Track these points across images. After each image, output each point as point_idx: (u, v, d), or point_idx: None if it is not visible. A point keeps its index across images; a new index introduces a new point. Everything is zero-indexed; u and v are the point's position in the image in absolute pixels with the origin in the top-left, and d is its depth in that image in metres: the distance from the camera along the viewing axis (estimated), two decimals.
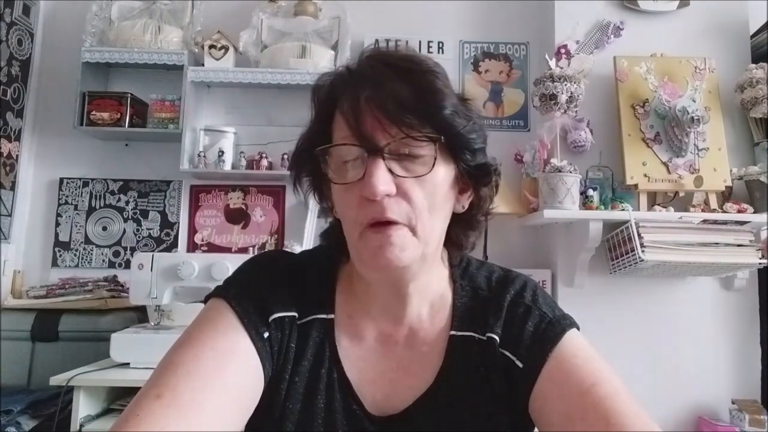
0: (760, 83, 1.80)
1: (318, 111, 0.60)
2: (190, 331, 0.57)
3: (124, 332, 1.63)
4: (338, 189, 0.58)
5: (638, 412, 0.51)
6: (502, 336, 0.61)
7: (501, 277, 0.67)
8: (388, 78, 0.55)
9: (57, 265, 2.16)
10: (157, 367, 0.53)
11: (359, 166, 0.55)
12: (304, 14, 2.17)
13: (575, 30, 1.99)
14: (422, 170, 0.55)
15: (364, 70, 0.57)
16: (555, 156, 1.83)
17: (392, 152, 0.54)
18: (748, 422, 1.69)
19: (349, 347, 0.62)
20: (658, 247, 1.63)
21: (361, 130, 0.54)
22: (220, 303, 0.60)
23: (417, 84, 0.55)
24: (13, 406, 1.55)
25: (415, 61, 0.57)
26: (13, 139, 2.11)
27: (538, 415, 0.56)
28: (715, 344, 1.86)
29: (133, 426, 0.46)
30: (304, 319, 0.62)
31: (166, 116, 2.12)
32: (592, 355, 0.58)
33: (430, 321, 0.63)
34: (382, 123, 0.54)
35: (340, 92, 0.57)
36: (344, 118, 0.55)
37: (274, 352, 0.59)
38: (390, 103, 0.53)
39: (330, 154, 0.57)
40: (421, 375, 0.61)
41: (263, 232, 2.22)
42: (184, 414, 0.48)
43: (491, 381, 0.60)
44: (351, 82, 0.57)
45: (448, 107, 0.55)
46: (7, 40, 2.06)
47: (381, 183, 0.52)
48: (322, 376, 0.60)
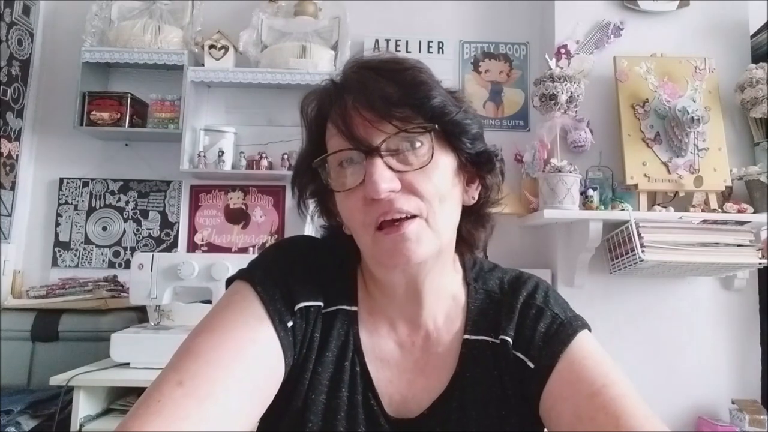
0: (760, 83, 1.80)
1: (309, 129, 0.61)
2: (214, 315, 0.57)
3: (124, 332, 1.63)
4: (342, 197, 0.57)
5: (648, 414, 0.51)
6: (515, 338, 0.61)
7: (513, 280, 0.67)
8: (372, 79, 0.55)
9: (57, 265, 2.16)
10: (179, 350, 0.53)
11: (359, 170, 0.55)
12: (304, 14, 2.17)
13: (575, 30, 1.99)
14: (423, 161, 0.55)
15: (348, 78, 0.57)
16: (555, 156, 1.83)
17: (389, 149, 0.54)
18: (748, 422, 1.69)
19: (369, 343, 0.62)
20: (658, 247, 1.63)
21: (353, 133, 0.54)
22: (244, 287, 0.59)
23: (401, 80, 0.55)
24: (13, 406, 1.55)
25: (396, 61, 0.57)
26: (13, 139, 2.11)
27: (548, 415, 0.56)
28: (715, 344, 1.86)
29: (155, 411, 0.46)
30: (328, 309, 0.62)
31: (166, 116, 2.12)
32: (603, 357, 0.58)
33: (445, 325, 0.63)
34: (373, 122, 0.53)
35: (328, 104, 0.58)
36: (335, 125, 0.55)
37: (297, 341, 0.59)
38: (377, 101, 0.53)
39: (328, 165, 0.57)
40: (436, 378, 0.61)
41: (263, 232, 2.22)
42: (203, 403, 0.48)
43: (504, 383, 0.60)
44: (336, 92, 0.57)
45: (437, 96, 0.55)
46: (7, 40, 2.06)
47: (382, 180, 0.52)
48: (346, 368, 0.60)
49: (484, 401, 0.60)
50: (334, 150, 0.56)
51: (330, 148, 0.57)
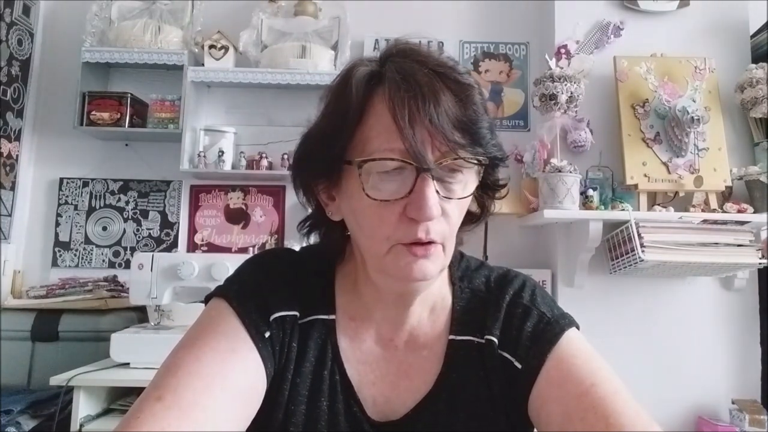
0: (760, 83, 1.80)
1: (345, 109, 0.53)
2: (191, 332, 0.57)
3: (124, 332, 1.63)
4: (372, 205, 0.53)
5: (638, 412, 0.50)
6: (501, 337, 0.60)
7: (499, 278, 0.66)
8: (442, 90, 0.51)
9: (57, 265, 2.16)
10: (159, 370, 0.53)
11: (402, 182, 0.51)
12: (304, 14, 2.17)
13: (575, 30, 1.99)
14: (463, 192, 0.54)
15: (417, 77, 0.51)
16: (555, 156, 1.82)
17: (439, 173, 0.52)
18: (748, 422, 1.69)
19: (350, 349, 0.62)
20: (658, 247, 1.63)
21: (415, 145, 0.50)
22: (220, 303, 0.59)
23: (465, 99, 0.53)
24: (13, 406, 1.55)
25: (458, 71, 0.54)
26: (13, 139, 2.11)
27: (537, 415, 0.56)
28: (715, 344, 1.86)
29: (134, 427, 0.46)
30: (305, 319, 0.61)
31: (166, 116, 2.12)
32: (591, 355, 0.57)
33: (430, 325, 0.63)
34: (435, 140, 0.51)
35: (390, 95, 0.51)
36: (399, 129, 0.50)
37: (276, 351, 0.58)
38: (445, 119, 0.50)
39: (366, 166, 0.52)
40: (421, 379, 0.61)
41: (263, 232, 2.22)
42: (186, 415, 0.48)
43: (491, 383, 0.59)
44: (405, 87, 0.51)
45: (486, 127, 0.54)
46: (7, 40, 2.06)
47: (435, 207, 0.50)
48: (325, 377, 0.60)
49: (471, 402, 0.59)
50: (384, 156, 0.51)
51: (371, 145, 0.52)
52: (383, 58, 0.56)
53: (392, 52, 0.56)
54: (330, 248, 0.65)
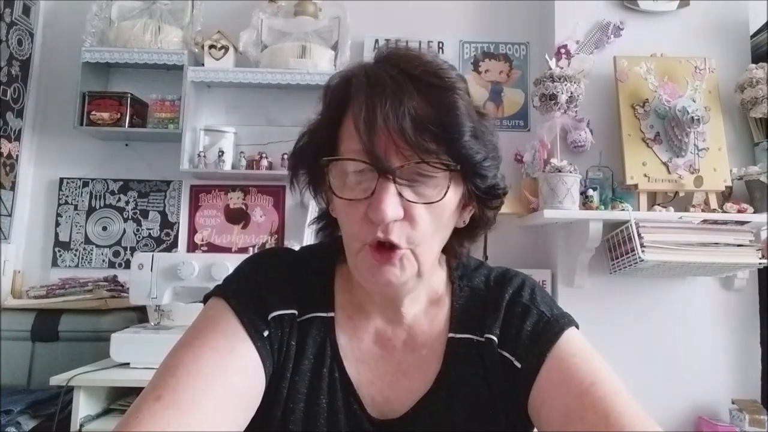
0: (760, 83, 1.80)
1: (327, 110, 0.57)
2: (190, 332, 0.57)
3: (124, 332, 1.63)
4: (342, 204, 0.55)
5: (638, 411, 0.50)
6: (500, 336, 0.60)
7: (499, 277, 0.66)
8: (409, 93, 0.51)
9: (57, 265, 2.16)
10: (158, 369, 0.53)
11: (366, 183, 0.52)
12: (304, 14, 2.17)
13: (575, 30, 1.99)
14: (433, 196, 0.53)
15: (383, 79, 0.52)
16: (555, 156, 1.83)
17: (404, 176, 0.52)
18: (748, 422, 1.69)
19: (349, 347, 0.62)
20: (658, 247, 1.63)
21: (374, 149, 0.50)
22: (218, 302, 0.59)
23: (438, 103, 0.52)
24: (13, 406, 1.54)
25: (439, 75, 0.53)
26: (13, 139, 2.11)
27: (537, 415, 0.56)
28: (715, 344, 1.86)
29: (133, 427, 0.46)
30: (303, 317, 0.61)
31: (166, 116, 2.12)
32: (591, 354, 0.57)
33: (429, 323, 0.63)
34: (398, 144, 0.51)
35: (355, 98, 0.53)
36: (357, 131, 0.51)
37: (275, 350, 0.58)
38: (408, 123, 0.50)
39: (335, 164, 0.55)
40: (420, 378, 0.61)
41: (263, 232, 2.22)
42: (185, 414, 0.48)
43: (490, 382, 0.59)
44: (368, 90, 0.52)
45: (467, 133, 0.52)
46: (7, 40, 2.06)
47: (390, 209, 0.50)
48: (324, 375, 0.60)
49: (471, 401, 0.59)
50: (349, 156, 0.53)
51: (344, 147, 0.54)
52: (374, 61, 0.57)
53: (381, 55, 0.57)
54: (332, 246, 0.65)
